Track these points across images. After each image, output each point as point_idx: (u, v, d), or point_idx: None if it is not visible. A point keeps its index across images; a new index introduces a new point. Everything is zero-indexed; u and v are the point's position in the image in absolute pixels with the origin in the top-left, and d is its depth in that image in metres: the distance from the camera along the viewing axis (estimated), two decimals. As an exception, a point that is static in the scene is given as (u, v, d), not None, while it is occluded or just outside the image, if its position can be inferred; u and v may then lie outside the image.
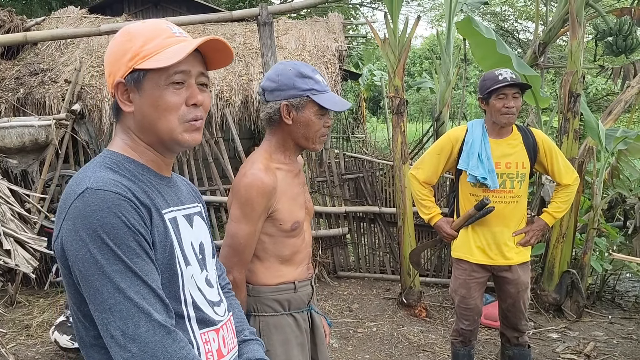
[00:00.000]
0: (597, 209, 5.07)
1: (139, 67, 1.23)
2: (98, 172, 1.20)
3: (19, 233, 2.90)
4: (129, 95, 1.26)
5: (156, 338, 1.12)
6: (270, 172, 1.98)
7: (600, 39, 5.94)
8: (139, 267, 1.13)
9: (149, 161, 1.31)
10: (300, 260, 2.14)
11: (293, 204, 2.06)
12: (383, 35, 5.00)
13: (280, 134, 2.06)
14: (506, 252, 3.19)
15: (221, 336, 1.35)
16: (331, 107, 1.99)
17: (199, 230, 1.39)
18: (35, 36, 5.25)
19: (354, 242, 6.41)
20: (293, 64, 2.02)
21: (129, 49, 1.25)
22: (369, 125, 15.94)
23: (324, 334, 2.29)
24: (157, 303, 1.15)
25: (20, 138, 5.36)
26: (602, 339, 4.59)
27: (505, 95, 3.05)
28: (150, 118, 1.26)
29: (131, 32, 1.28)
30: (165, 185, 1.33)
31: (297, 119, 2.00)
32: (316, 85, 1.98)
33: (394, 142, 5.18)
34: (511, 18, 15.14)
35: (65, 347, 4.03)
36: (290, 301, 2.10)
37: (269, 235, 2.04)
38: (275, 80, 2.00)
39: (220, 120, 6.09)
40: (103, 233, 1.11)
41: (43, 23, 7.35)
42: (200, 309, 1.30)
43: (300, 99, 1.98)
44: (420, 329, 4.84)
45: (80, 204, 1.13)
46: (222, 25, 7.53)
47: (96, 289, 1.11)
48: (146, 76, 1.23)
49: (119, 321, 1.10)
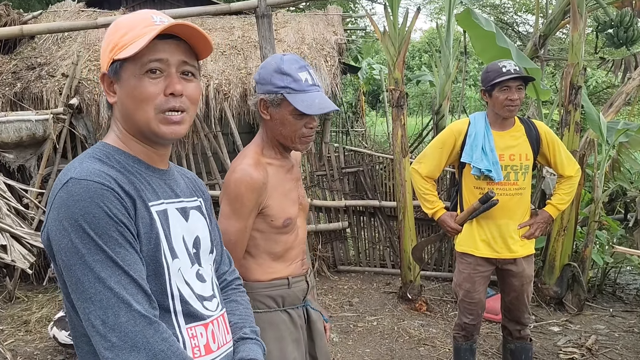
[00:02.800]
0: (598, 202, 5.05)
1: (116, 57, 1.23)
2: (85, 162, 1.19)
3: (15, 228, 2.87)
4: (113, 87, 1.27)
5: (137, 328, 1.11)
6: (260, 167, 1.95)
7: (601, 31, 5.90)
8: (120, 257, 1.13)
9: (139, 153, 1.30)
10: (293, 257, 2.10)
11: (285, 200, 2.02)
12: (383, 28, 4.97)
13: (265, 129, 2.03)
14: (511, 245, 3.16)
15: (210, 331, 1.33)
16: (304, 109, 1.87)
17: (195, 225, 1.37)
18: (31, 29, 5.20)
19: (354, 236, 6.39)
20: (280, 59, 1.94)
21: (111, 41, 1.26)
22: (368, 119, 15.88)
23: (322, 330, 2.25)
24: (138, 293, 1.14)
25: (17, 133, 5.32)
26: (604, 332, 4.58)
27: (509, 88, 3.01)
28: (128, 108, 1.25)
29: (117, 23, 1.29)
30: (158, 178, 1.31)
31: (274, 115, 1.95)
32: (293, 83, 1.88)
33: (394, 135, 5.15)
34: (511, 10, 15.08)
35: (64, 342, 4.01)
36: (284, 297, 2.07)
37: (260, 232, 2.01)
38: (259, 73, 1.97)
39: (219, 114, 6.05)
40: (84, 223, 1.11)
41: (40, 17, 7.30)
42: (187, 303, 1.28)
43: (275, 96, 1.91)
44: (421, 323, 4.82)
45: (64, 194, 1.13)
46: (221, 18, 7.47)
47: (77, 278, 1.11)
48: (123, 66, 1.23)
49: (99, 310, 1.10)
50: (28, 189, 5.17)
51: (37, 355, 4.25)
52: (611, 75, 9.39)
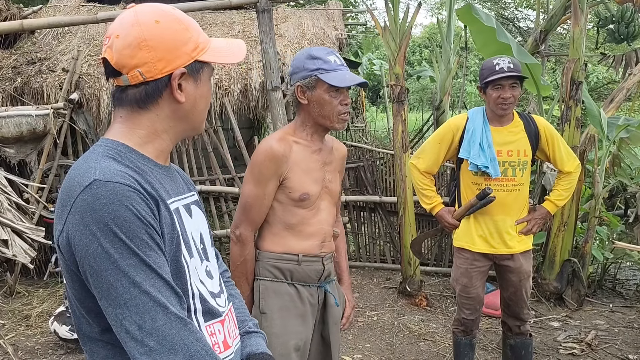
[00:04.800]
0: (598, 197, 5.05)
1: (201, 58, 1.26)
2: (102, 162, 1.15)
3: (17, 223, 2.87)
4: (181, 84, 1.24)
5: (173, 331, 1.10)
6: (284, 142, 2.13)
7: (602, 27, 5.90)
8: (152, 259, 1.11)
9: (150, 151, 1.26)
10: (309, 234, 2.19)
11: (305, 176, 2.15)
12: (384, 23, 4.96)
13: (303, 114, 2.19)
14: (508, 241, 3.16)
15: (226, 328, 1.33)
16: (337, 83, 2.06)
17: (198, 220, 1.37)
18: (31, 24, 5.18)
19: (354, 232, 6.39)
20: (309, 49, 2.16)
21: (189, 39, 1.24)
22: (369, 114, 15.89)
23: (337, 317, 2.32)
24: (171, 295, 1.13)
25: (18, 128, 5.31)
26: (603, 327, 4.59)
27: (502, 86, 3.01)
28: (199, 108, 1.30)
29: (182, 20, 1.24)
30: (165, 175, 1.29)
31: (311, 98, 2.12)
32: (324, 64, 2.08)
33: (394, 131, 5.15)
34: (511, 6, 15.04)
35: (64, 337, 4.03)
36: (293, 272, 2.17)
37: (279, 202, 2.15)
38: (292, 65, 2.17)
39: (219, 110, 6.05)
40: (115, 226, 1.07)
41: (40, 11, 7.27)
42: (206, 301, 1.28)
43: (309, 79, 2.09)
44: (421, 318, 4.83)
45: (89, 197, 1.09)
46: (221, 13, 7.46)
47: (110, 284, 1.08)
48: (203, 69, 1.28)
49: (135, 316, 1.07)
50: (29, 184, 5.17)
51: (38, 349, 4.26)
52: (612, 71, 9.37)
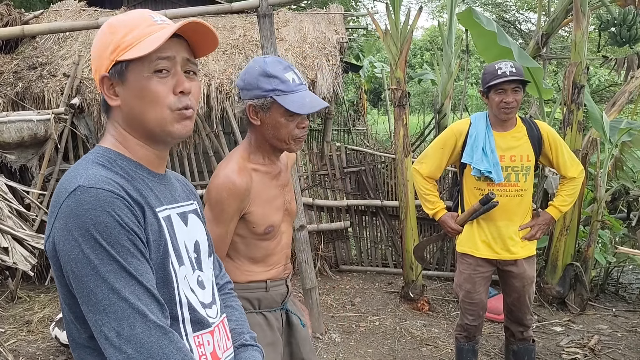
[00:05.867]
0: (601, 201, 5.03)
1: (120, 58, 1.19)
2: (90, 169, 1.16)
3: (17, 230, 2.86)
4: (114, 89, 1.23)
5: (152, 339, 1.09)
6: (244, 173, 1.92)
7: (604, 30, 5.88)
8: (133, 266, 1.10)
9: (141, 157, 1.27)
10: (274, 262, 2.08)
11: (268, 207, 1.99)
12: (384, 27, 4.95)
13: (255, 135, 1.99)
14: (511, 247, 3.15)
15: (216, 339, 1.32)
16: (296, 109, 1.84)
17: (194, 229, 1.36)
18: (32, 29, 5.18)
19: (356, 236, 6.38)
20: (263, 61, 1.89)
21: (110, 42, 1.22)
22: (370, 117, 15.87)
23: (306, 335, 2.23)
24: (152, 303, 1.12)
25: (19, 133, 5.31)
26: (606, 332, 4.57)
27: (504, 90, 3.00)
28: (137, 110, 1.22)
29: (113, 24, 1.24)
30: (159, 183, 1.29)
31: (265, 120, 1.91)
32: (281, 85, 1.85)
33: (395, 134, 5.14)
34: (513, 9, 15.04)
35: (65, 343, 4.01)
36: (261, 300, 2.05)
37: (241, 237, 1.99)
38: (243, 79, 1.92)
39: (220, 114, 6.04)
40: (96, 232, 1.08)
41: (41, 16, 7.29)
42: (195, 310, 1.27)
43: (264, 100, 1.87)
44: (423, 323, 4.81)
45: (72, 202, 1.10)
46: (222, 17, 7.47)
47: (90, 289, 1.08)
48: (129, 67, 1.20)
49: (113, 322, 1.07)
50: (29, 190, 5.17)
51: (39, 355, 4.25)
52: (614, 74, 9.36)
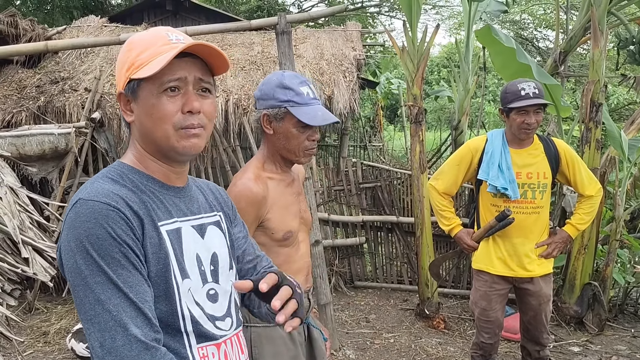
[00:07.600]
0: (620, 220, 4.98)
1: (133, 76, 1.23)
2: (97, 182, 1.21)
3: (37, 241, 2.91)
4: (130, 105, 1.28)
5: (132, 353, 1.10)
6: (260, 181, 1.99)
7: (622, 48, 5.86)
8: (122, 279, 1.13)
9: (155, 171, 1.30)
10: (295, 271, 2.10)
11: (285, 213, 2.05)
12: (402, 44, 4.98)
13: (267, 144, 2.08)
14: (527, 264, 3.13)
15: (222, 351, 1.32)
16: (307, 120, 1.94)
17: (212, 241, 1.36)
18: (56, 45, 5.30)
19: (371, 252, 6.36)
20: (281, 74, 2.00)
21: (127, 59, 1.26)
22: (386, 133, 15.88)
23: (323, 348, 2.24)
24: (138, 317, 1.13)
25: (40, 146, 5.41)
26: (625, 353, 4.49)
27: (527, 112, 2.99)
28: (147, 127, 1.26)
29: (132, 41, 1.29)
30: (173, 196, 1.31)
31: (278, 129, 2.00)
32: (295, 97, 1.95)
33: (412, 151, 5.14)
34: (530, 26, 15.01)
35: (81, 355, 4.03)
36: None
37: (261, 245, 2.00)
38: (261, 89, 2.02)
39: (237, 129, 6.10)
40: (88, 244, 1.12)
41: (64, 32, 7.45)
42: (198, 323, 1.27)
43: (278, 110, 1.97)
44: (439, 341, 4.77)
45: (72, 214, 1.15)
46: (241, 34, 7.56)
47: (80, 299, 1.13)
48: (141, 85, 1.24)
49: (97, 333, 1.11)
50: (49, 202, 5.24)
51: (55, 366, 4.29)
52: (633, 92, 9.29)
